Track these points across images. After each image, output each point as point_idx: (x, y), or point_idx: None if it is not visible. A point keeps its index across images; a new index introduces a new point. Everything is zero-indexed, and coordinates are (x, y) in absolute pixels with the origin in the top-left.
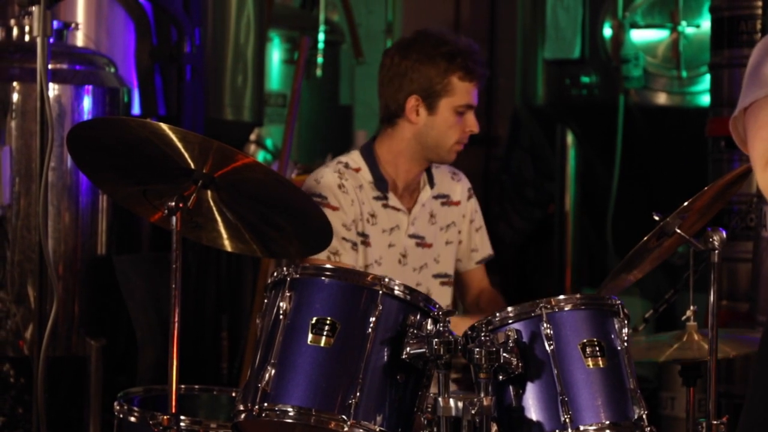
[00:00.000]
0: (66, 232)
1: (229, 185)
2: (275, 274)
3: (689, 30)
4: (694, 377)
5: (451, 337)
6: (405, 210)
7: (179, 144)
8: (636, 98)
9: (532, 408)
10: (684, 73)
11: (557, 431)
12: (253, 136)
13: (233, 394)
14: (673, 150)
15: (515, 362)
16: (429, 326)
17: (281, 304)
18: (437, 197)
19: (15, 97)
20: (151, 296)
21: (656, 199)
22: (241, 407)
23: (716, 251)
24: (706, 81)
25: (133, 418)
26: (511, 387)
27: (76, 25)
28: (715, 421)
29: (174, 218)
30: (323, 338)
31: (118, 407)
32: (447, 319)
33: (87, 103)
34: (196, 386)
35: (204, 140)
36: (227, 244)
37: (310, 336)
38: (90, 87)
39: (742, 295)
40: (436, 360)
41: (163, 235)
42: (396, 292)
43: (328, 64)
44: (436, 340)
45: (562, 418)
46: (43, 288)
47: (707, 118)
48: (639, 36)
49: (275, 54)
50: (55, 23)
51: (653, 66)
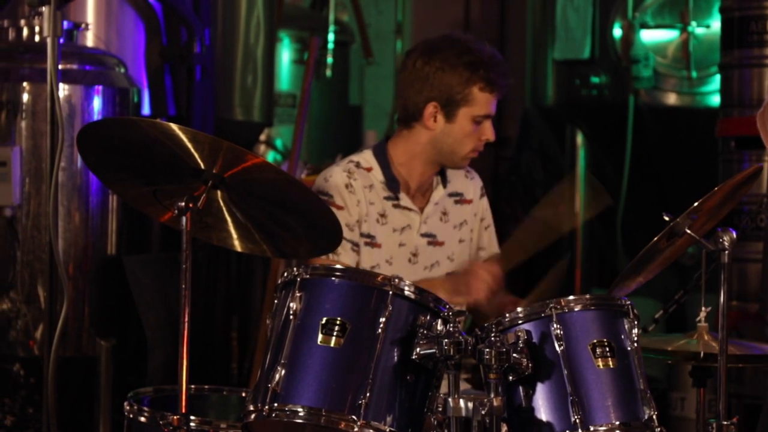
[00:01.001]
0: (76, 232)
1: (239, 185)
2: (285, 274)
3: (699, 30)
4: (704, 378)
5: (461, 337)
6: (417, 210)
7: (189, 144)
8: (646, 98)
9: (543, 408)
10: (694, 74)
11: (567, 431)
12: (263, 137)
13: (243, 394)
14: (683, 150)
15: (525, 363)
16: (439, 327)
17: (291, 304)
18: (451, 195)
19: (25, 97)
20: (161, 296)
21: (666, 199)
22: (251, 407)
23: (726, 252)
24: (716, 81)
25: (143, 418)
26: (521, 387)
27: (86, 25)
28: (725, 422)
29: (184, 218)
30: (333, 338)
31: (128, 407)
32: (457, 319)
33: (97, 103)
34: (206, 386)
35: (214, 140)
36: (237, 245)
37: (320, 336)
38: (100, 87)
39: (753, 296)
40: (446, 360)
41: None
42: (406, 292)
43: (337, 65)
44: (446, 340)
45: (573, 419)
46: (53, 288)
47: (717, 118)
48: (649, 36)
49: (285, 54)
50: (65, 23)
51: (663, 66)
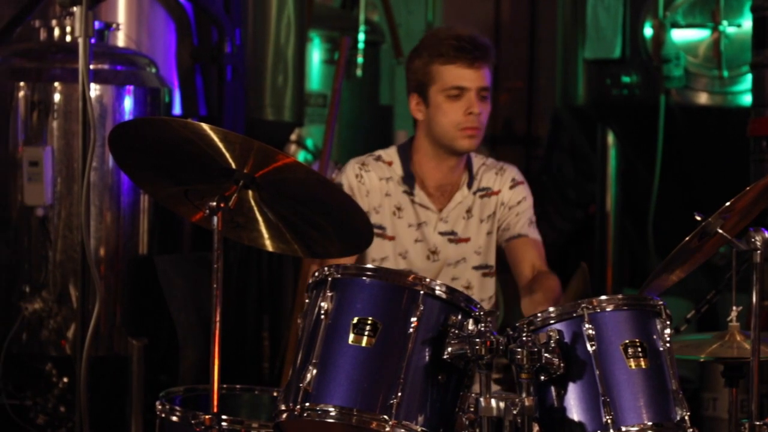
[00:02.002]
0: (108, 232)
1: (270, 185)
2: (316, 274)
3: (730, 29)
4: (736, 378)
5: (492, 337)
6: (434, 209)
7: (220, 144)
8: (677, 98)
9: (574, 408)
10: (725, 73)
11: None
12: (293, 136)
13: (274, 393)
14: (714, 150)
15: (557, 363)
16: (470, 326)
17: (322, 304)
18: (477, 192)
19: (57, 97)
20: (192, 296)
21: (697, 199)
22: (283, 407)
23: (758, 251)
24: (747, 80)
25: (174, 418)
26: (552, 387)
27: (117, 25)
28: (758, 422)
29: (215, 218)
30: (364, 338)
31: (159, 407)
32: (489, 319)
33: (128, 103)
34: (238, 386)
35: (245, 140)
36: (268, 244)
37: (351, 336)
38: (131, 87)
39: None
40: (478, 360)
41: (204, 235)
42: (437, 292)
43: (368, 64)
44: (477, 340)
45: (604, 419)
46: (85, 288)
47: (749, 117)
48: (680, 35)
49: (315, 54)
50: (96, 24)
51: (694, 66)
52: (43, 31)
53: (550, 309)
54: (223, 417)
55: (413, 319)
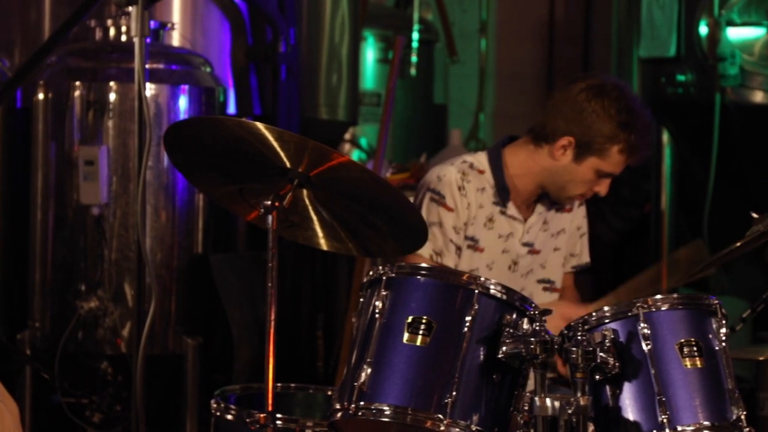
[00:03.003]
0: (163, 230)
1: (324, 184)
2: (371, 273)
3: None
4: None
5: (547, 336)
6: (521, 219)
7: (275, 143)
8: (732, 96)
9: (629, 408)
10: None
11: (654, 431)
12: (347, 135)
13: (329, 392)
14: None
15: (612, 362)
16: (525, 325)
17: (377, 303)
18: (553, 204)
19: (112, 96)
20: (247, 295)
21: (753, 197)
22: (338, 406)
23: None
24: None
25: (229, 416)
26: (607, 387)
27: (173, 25)
28: None
29: (270, 217)
30: (419, 337)
31: (214, 405)
32: (543, 318)
33: (183, 102)
34: (293, 384)
35: (300, 139)
36: (323, 243)
37: (406, 335)
38: (186, 86)
39: None
40: (533, 359)
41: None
42: (492, 291)
43: (422, 63)
44: (532, 339)
45: (660, 419)
46: (140, 286)
47: None
48: (735, 34)
49: (369, 53)
50: (151, 23)
51: (750, 64)
52: (98, 30)
53: (605, 308)
54: (278, 416)
55: (468, 318)
